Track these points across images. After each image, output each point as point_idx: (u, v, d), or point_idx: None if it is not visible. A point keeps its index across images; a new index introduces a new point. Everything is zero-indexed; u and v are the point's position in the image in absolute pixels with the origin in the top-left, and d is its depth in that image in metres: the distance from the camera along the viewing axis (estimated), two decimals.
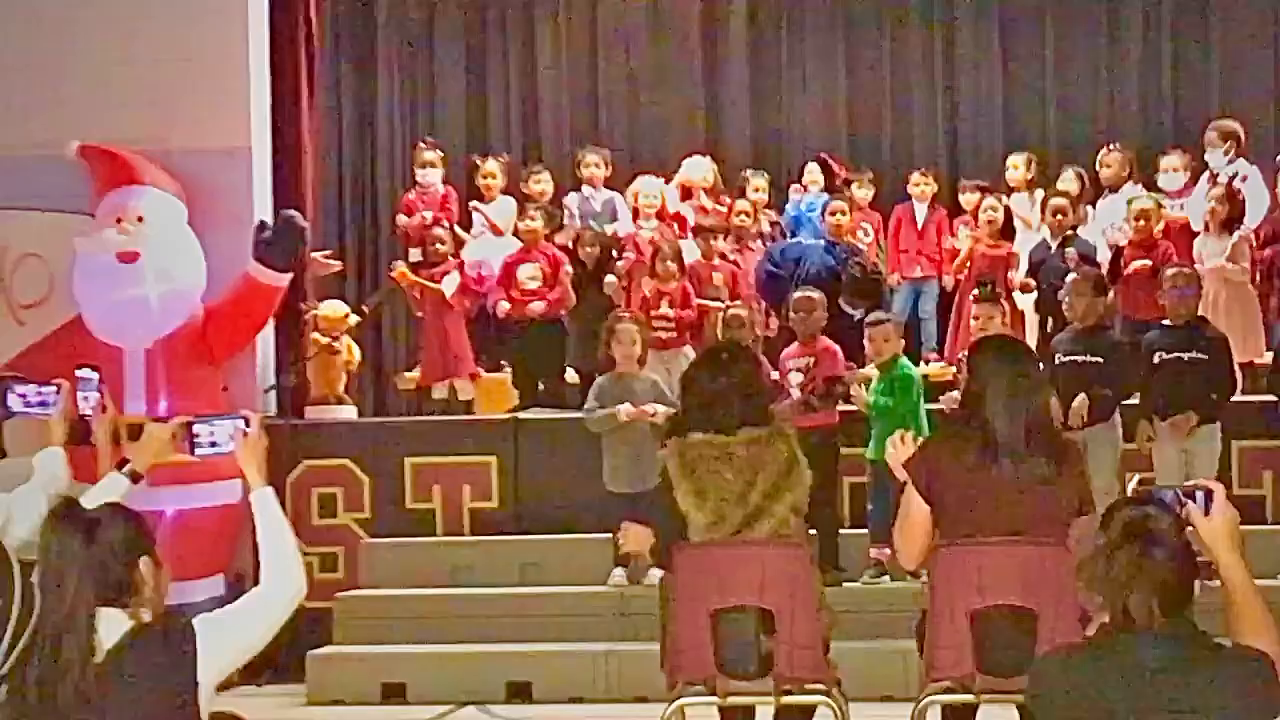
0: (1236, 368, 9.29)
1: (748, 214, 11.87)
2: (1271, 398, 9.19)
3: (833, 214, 11.35)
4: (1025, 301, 11.06)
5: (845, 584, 8.98)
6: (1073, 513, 5.49)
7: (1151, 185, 11.33)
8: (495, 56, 13.92)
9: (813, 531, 6.75)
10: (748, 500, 5.62)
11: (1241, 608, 3.79)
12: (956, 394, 7.95)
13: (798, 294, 9.79)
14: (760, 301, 11.21)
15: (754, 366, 6.11)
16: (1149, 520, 3.69)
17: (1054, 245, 10.79)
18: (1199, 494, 3.87)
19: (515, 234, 11.50)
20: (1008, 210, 11.37)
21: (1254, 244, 10.60)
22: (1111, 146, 11.69)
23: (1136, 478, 6.85)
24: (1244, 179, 11.03)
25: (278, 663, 8.62)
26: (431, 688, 9.03)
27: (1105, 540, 3.71)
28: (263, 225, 9.98)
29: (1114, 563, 3.65)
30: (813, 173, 12.64)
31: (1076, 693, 3.64)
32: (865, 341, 9.42)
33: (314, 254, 10.91)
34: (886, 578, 9.17)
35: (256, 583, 4.18)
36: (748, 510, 5.61)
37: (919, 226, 12.16)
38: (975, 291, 10.16)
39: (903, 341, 9.69)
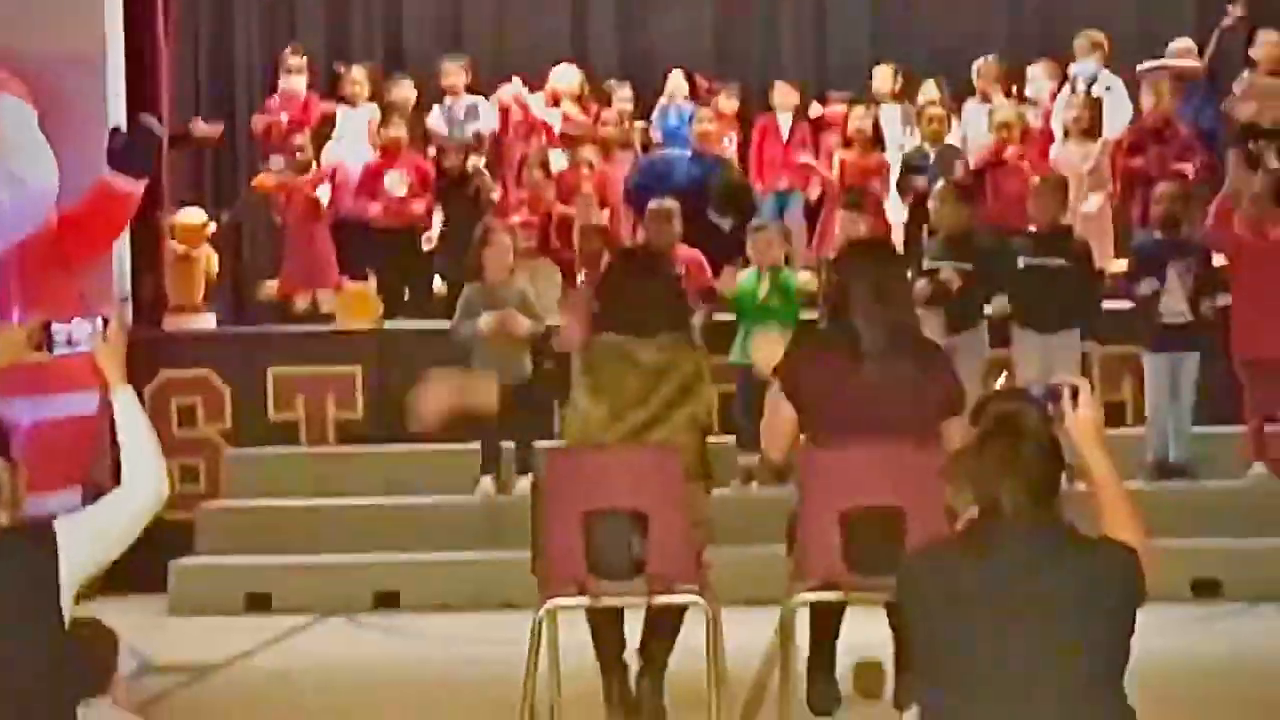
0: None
1: (614, 124, 11.79)
2: (1128, 304, 9.31)
3: (699, 124, 11.33)
4: (895, 213, 11.12)
5: (714, 491, 8.99)
6: (942, 415, 5.52)
7: (1021, 95, 11.45)
8: None
9: None
10: (648, 403, 5.62)
11: (1108, 501, 3.82)
12: None
13: (652, 204, 9.79)
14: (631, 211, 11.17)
15: (675, 275, 6.12)
16: (1018, 414, 3.71)
17: (931, 154, 10.88)
18: (1065, 390, 3.91)
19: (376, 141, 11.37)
20: (876, 120, 11.40)
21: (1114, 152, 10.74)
22: (988, 58, 11.78)
23: (1004, 374, 6.91)
24: (1108, 89, 11.18)
25: (140, 574, 8.48)
26: (296, 597, 8.96)
27: (976, 433, 3.72)
28: (116, 131, 9.75)
29: (984, 455, 3.66)
30: (675, 82, 12.57)
31: (945, 588, 3.65)
32: (748, 247, 9.41)
33: (197, 122, 10.66)
34: (754, 484, 9.22)
35: None
36: (647, 414, 5.61)
37: (784, 138, 12.15)
38: (842, 199, 10.20)
39: (786, 247, 9.70)
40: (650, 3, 13.69)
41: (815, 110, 12.19)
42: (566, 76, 12.18)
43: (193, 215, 10.85)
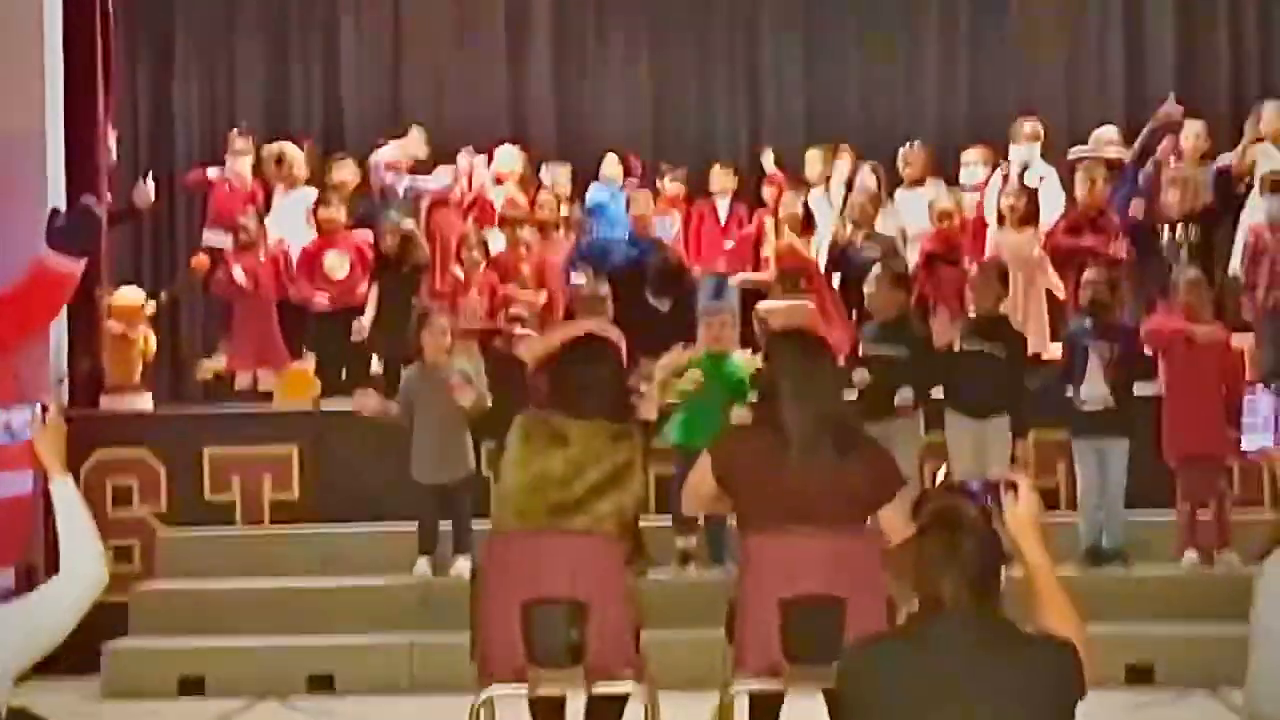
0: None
1: (550, 206, 11.85)
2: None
3: (636, 207, 11.45)
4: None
5: (651, 573, 9.02)
6: (874, 502, 5.57)
7: (951, 180, 11.61)
8: (296, 43, 13.74)
9: None
10: (572, 486, 5.60)
11: (1044, 596, 3.88)
12: None
13: (585, 291, 9.88)
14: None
15: (620, 363, 6.13)
16: (958, 508, 3.76)
17: (858, 240, 10.98)
18: (1003, 485, 3.97)
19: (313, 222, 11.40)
20: (807, 204, 11.50)
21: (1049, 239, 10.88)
22: (913, 144, 11.96)
23: (944, 467, 6.96)
24: (1041, 178, 11.36)
25: (73, 656, 8.40)
26: (230, 680, 8.88)
27: (916, 528, 3.77)
28: (56, 212, 9.74)
29: (925, 550, 3.71)
30: (610, 164, 12.67)
31: (886, 680, 3.68)
32: (700, 329, 9.46)
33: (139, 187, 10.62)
34: (692, 566, 9.23)
35: (49, 575, 4.07)
36: (569, 496, 5.59)
37: (721, 221, 12.24)
38: (780, 285, 10.30)
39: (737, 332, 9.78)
40: (588, 86, 13.81)
41: (769, 163, 12.27)
42: (509, 158, 12.25)
43: (131, 295, 10.81)
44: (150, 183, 11.15)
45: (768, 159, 12.38)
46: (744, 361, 9.45)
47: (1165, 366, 9.30)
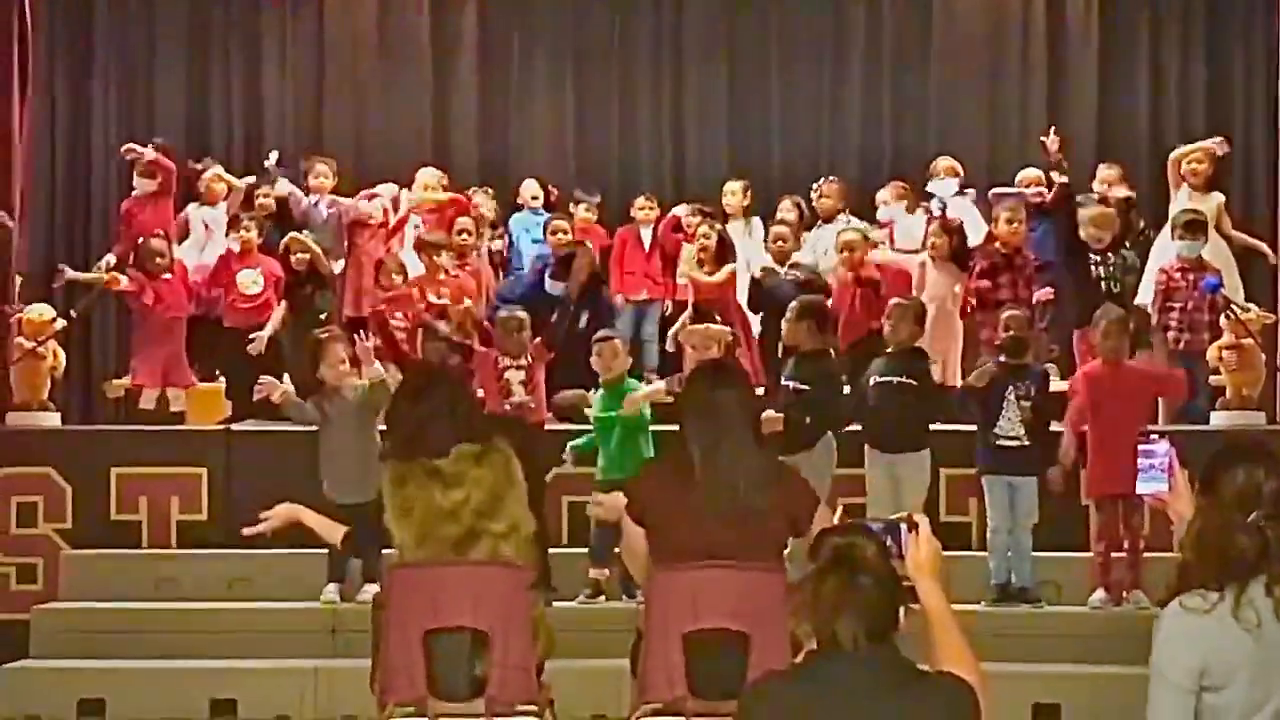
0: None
1: (470, 231, 11.78)
2: (973, 427, 9.42)
3: (554, 233, 11.45)
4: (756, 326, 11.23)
5: (559, 603, 8.97)
6: (783, 537, 5.55)
7: (868, 216, 11.68)
8: (218, 61, 13.64)
9: None
10: (459, 518, 5.52)
11: (940, 636, 3.87)
12: None
13: (501, 313, 9.89)
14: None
15: (457, 386, 6.04)
16: (855, 548, 3.73)
17: (781, 271, 11.01)
18: (903, 526, 3.96)
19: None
20: (723, 235, 11.47)
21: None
22: (829, 178, 12.02)
23: (841, 507, 6.95)
24: (960, 219, 11.44)
25: None
26: (132, 704, 8.74)
27: (813, 567, 3.74)
28: None
29: (821, 589, 3.69)
30: (530, 189, 12.65)
31: (785, 718, 3.66)
32: (593, 357, 9.47)
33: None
34: (602, 597, 9.20)
35: None
36: (460, 529, 5.52)
37: (645, 249, 12.23)
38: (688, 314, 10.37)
39: (629, 360, 9.75)
40: (512, 112, 13.79)
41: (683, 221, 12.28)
42: (429, 181, 12.19)
43: (41, 311, 10.68)
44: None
45: (682, 210, 12.31)
46: (642, 386, 9.49)
47: (1089, 406, 9.32)
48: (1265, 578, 3.95)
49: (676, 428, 5.75)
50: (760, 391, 8.22)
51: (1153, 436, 4.32)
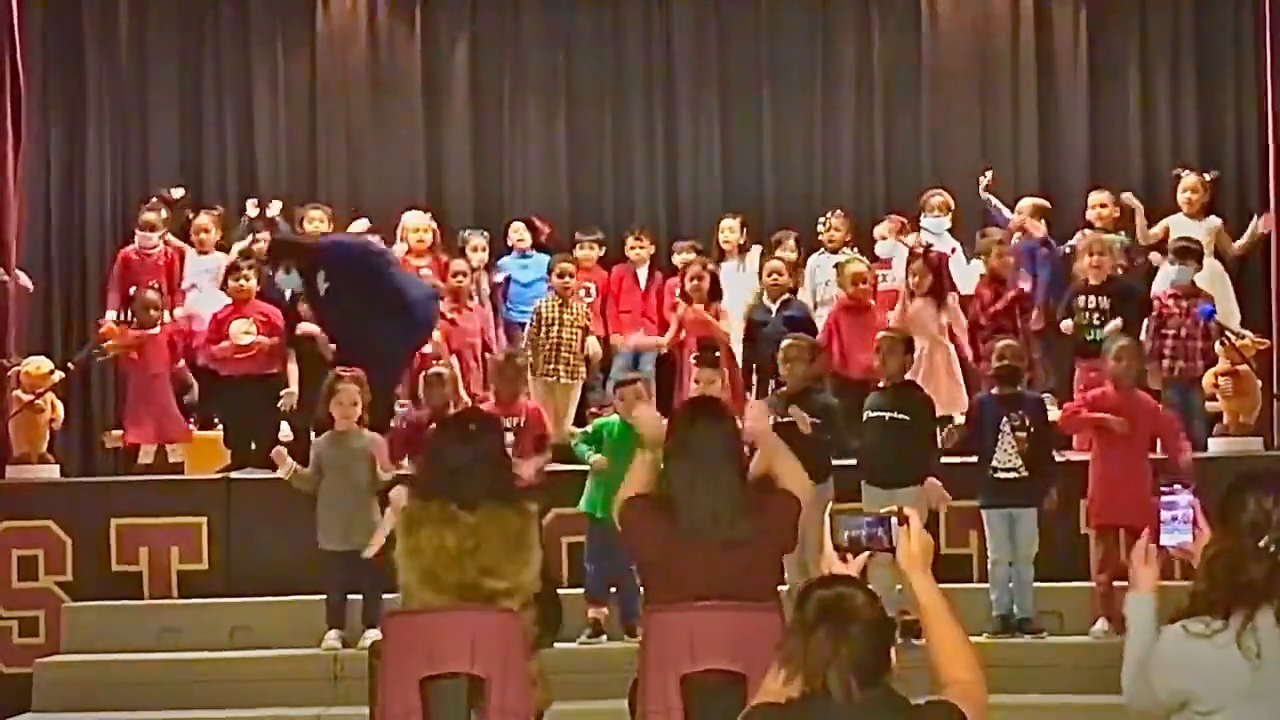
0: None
1: (464, 274, 11.77)
2: (973, 459, 9.41)
3: (560, 276, 11.44)
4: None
5: (560, 644, 8.93)
6: (775, 564, 5.57)
7: (866, 251, 11.71)
8: (210, 103, 13.66)
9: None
10: (464, 568, 5.50)
11: (935, 630, 3.87)
12: None
13: (500, 356, 9.90)
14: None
15: (501, 438, 6.04)
16: (844, 599, 3.72)
17: (773, 309, 11.00)
18: (894, 519, 3.97)
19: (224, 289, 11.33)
20: (714, 274, 11.47)
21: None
22: (836, 211, 12.04)
23: (830, 504, 6.94)
24: (952, 250, 11.47)
25: None
26: None
27: (800, 620, 3.73)
28: None
29: (810, 642, 3.68)
30: (517, 232, 12.64)
31: None
32: (615, 400, 9.45)
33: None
34: (604, 637, 9.19)
35: None
36: (463, 578, 5.50)
37: (641, 288, 12.22)
38: (695, 355, 10.33)
39: (653, 400, 9.73)
40: (504, 151, 13.79)
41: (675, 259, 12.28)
42: (417, 225, 12.18)
43: (39, 364, 10.70)
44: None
45: (679, 257, 12.32)
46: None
47: (1094, 433, 9.31)
48: (1276, 605, 3.96)
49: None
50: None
51: (1176, 487, 4.32)
